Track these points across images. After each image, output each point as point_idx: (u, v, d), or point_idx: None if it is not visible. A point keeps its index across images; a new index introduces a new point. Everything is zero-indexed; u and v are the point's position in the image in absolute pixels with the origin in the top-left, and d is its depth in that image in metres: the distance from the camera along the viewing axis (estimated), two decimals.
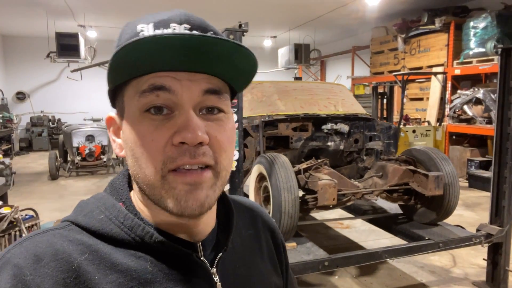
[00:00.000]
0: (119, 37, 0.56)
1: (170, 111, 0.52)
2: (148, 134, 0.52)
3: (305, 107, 3.74)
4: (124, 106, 0.55)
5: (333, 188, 2.67)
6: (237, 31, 2.20)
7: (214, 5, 8.33)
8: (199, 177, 0.52)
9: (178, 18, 0.53)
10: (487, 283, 3.19)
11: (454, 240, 2.90)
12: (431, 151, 3.17)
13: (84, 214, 0.57)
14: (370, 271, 3.46)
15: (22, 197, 5.91)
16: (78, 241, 0.53)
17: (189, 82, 0.52)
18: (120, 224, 0.55)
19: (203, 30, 0.53)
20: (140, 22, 0.54)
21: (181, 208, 0.52)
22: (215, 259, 0.60)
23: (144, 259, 0.54)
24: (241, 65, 0.54)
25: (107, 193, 0.61)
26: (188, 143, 0.50)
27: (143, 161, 0.52)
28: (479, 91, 6.71)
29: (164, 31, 0.51)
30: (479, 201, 5.78)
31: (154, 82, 0.51)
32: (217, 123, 0.54)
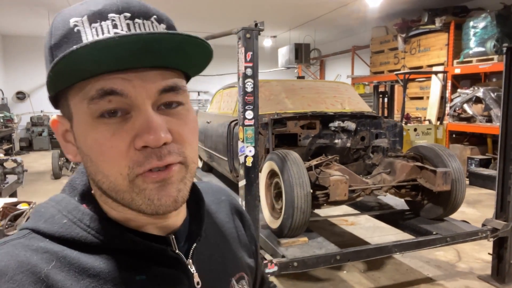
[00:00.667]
0: (50, 32, 0.50)
1: (125, 112, 0.48)
2: (106, 141, 0.48)
3: (312, 105, 3.80)
4: (71, 112, 0.50)
5: (344, 184, 2.73)
6: (254, 30, 2.26)
7: (214, 5, 8.37)
8: (167, 173, 0.49)
9: (115, 6, 0.47)
10: (493, 277, 3.26)
11: (461, 235, 2.97)
12: (438, 148, 3.23)
13: (44, 219, 0.52)
14: (378, 266, 3.52)
15: (26, 196, 5.91)
16: (42, 250, 0.49)
17: (141, 81, 0.48)
18: (86, 227, 0.51)
19: (145, 16, 0.49)
20: (72, 14, 0.48)
21: (155, 207, 0.50)
22: (189, 250, 0.59)
23: (116, 260, 0.51)
24: (195, 55, 0.50)
25: (66, 195, 0.56)
26: (152, 146, 0.47)
27: (106, 169, 0.49)
28: (479, 90, 6.79)
29: (103, 23, 0.46)
30: (479, 198, 5.87)
31: (102, 87, 0.46)
32: (177, 117, 0.51)
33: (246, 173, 2.40)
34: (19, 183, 3.54)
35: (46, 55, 0.50)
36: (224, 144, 3.90)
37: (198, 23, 10.06)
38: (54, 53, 0.48)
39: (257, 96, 2.33)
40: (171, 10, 8.74)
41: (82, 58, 0.43)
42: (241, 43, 2.25)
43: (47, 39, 0.50)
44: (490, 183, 6.02)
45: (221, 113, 4.54)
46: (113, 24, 0.46)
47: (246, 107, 2.32)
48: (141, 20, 0.48)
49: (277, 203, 3.02)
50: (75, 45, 0.44)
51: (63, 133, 0.55)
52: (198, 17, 9.53)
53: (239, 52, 2.27)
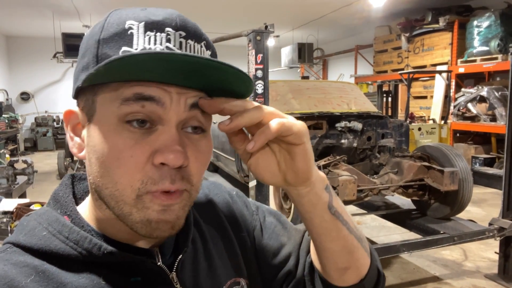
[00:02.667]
0: (102, 26, 0.49)
1: (152, 124, 0.47)
2: (126, 148, 0.47)
3: (318, 105, 3.83)
4: (94, 107, 0.49)
5: (353, 184, 2.75)
6: (264, 32, 2.28)
7: (217, 5, 8.40)
8: (174, 199, 0.48)
9: (174, 22, 0.48)
10: (499, 276, 3.28)
11: (468, 234, 2.99)
12: (445, 147, 3.26)
13: (25, 233, 0.51)
14: (384, 265, 3.54)
15: (33, 196, 5.96)
16: (21, 263, 0.48)
17: (177, 95, 0.47)
18: (65, 239, 0.50)
19: (197, 39, 0.50)
20: (130, 17, 0.48)
21: (150, 230, 0.48)
22: (174, 262, 0.56)
23: (96, 273, 0.50)
24: (237, 89, 0.50)
25: (50, 207, 0.55)
26: (170, 165, 0.46)
27: (118, 176, 0.47)
28: (483, 89, 6.80)
29: (157, 35, 0.47)
30: (484, 197, 5.88)
31: (141, 92, 0.46)
32: (196, 144, 0.50)
33: None
34: (29, 184, 3.57)
35: (89, 44, 0.49)
36: None
37: (201, 23, 9.99)
38: (100, 46, 0.47)
39: (267, 97, 2.36)
40: (176, 9, 8.77)
41: (132, 62, 0.42)
42: (252, 45, 2.28)
43: (96, 32, 0.49)
44: (495, 182, 6.04)
45: None
46: (167, 38, 0.47)
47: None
48: (193, 41, 0.49)
49: (285, 203, 3.05)
50: (125, 46, 0.45)
51: (73, 125, 0.54)
52: (201, 17, 9.56)
53: (249, 54, 2.30)
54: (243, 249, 0.69)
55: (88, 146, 0.50)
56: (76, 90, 0.50)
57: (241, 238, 0.69)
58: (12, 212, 2.60)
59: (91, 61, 0.48)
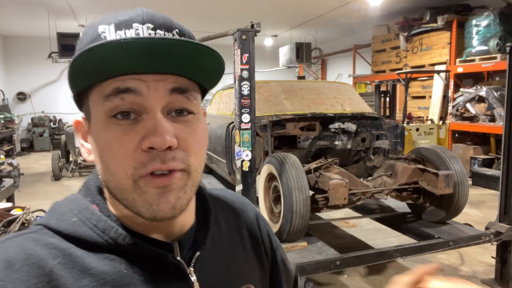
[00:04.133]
0: (81, 39, 0.54)
1: (137, 114, 0.51)
2: (116, 140, 0.51)
3: (312, 106, 3.74)
4: (90, 110, 0.54)
5: (344, 188, 2.67)
6: (250, 31, 2.20)
7: (214, 4, 8.32)
8: (169, 179, 0.51)
9: (141, 17, 0.51)
10: (496, 281, 3.20)
11: (464, 239, 2.91)
12: (440, 149, 3.17)
13: (56, 217, 0.55)
14: (379, 270, 3.47)
15: (26, 197, 5.90)
16: (50, 245, 0.52)
17: (154, 82, 0.51)
18: (93, 226, 0.54)
19: (167, 28, 0.52)
20: (101, 23, 0.52)
21: (153, 212, 0.51)
22: (192, 258, 0.59)
23: (118, 261, 0.53)
24: (208, 65, 0.53)
25: (81, 195, 0.59)
26: (157, 148, 0.50)
27: (113, 167, 0.51)
28: (482, 89, 6.72)
29: (126, 31, 0.50)
30: (483, 199, 5.80)
31: (118, 85, 0.50)
32: (186, 125, 0.54)
33: (243, 177, 2.35)
34: (15, 187, 3.50)
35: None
36: (222, 146, 3.85)
37: (198, 22, 10.02)
38: None
39: (253, 99, 2.28)
40: (172, 9, 8.70)
41: (97, 55, 0.46)
42: (237, 44, 2.20)
43: (78, 44, 0.54)
44: (494, 183, 5.95)
45: (220, 114, 4.48)
46: (136, 32, 0.50)
47: (242, 110, 2.27)
48: (162, 31, 0.52)
49: (275, 207, 2.97)
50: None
51: (83, 134, 0.58)
52: (198, 16, 9.49)
53: (235, 54, 2.22)
54: (261, 265, 0.72)
55: (92, 148, 0.55)
56: (75, 100, 0.56)
57: (259, 254, 0.73)
58: None
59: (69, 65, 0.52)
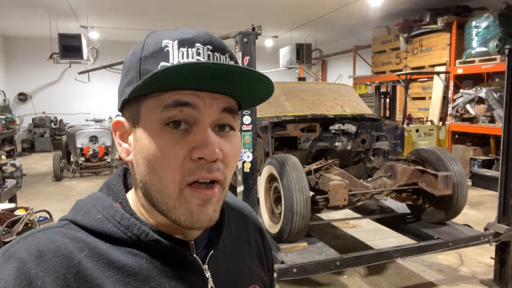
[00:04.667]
0: (142, 46, 0.58)
1: (188, 126, 0.55)
2: (168, 147, 0.54)
3: (312, 108, 3.77)
4: (140, 115, 0.57)
5: (344, 189, 2.70)
6: (251, 34, 2.23)
7: (216, 5, 8.35)
8: (212, 193, 0.56)
9: (202, 38, 0.56)
10: (495, 281, 3.22)
11: (463, 239, 2.93)
12: (439, 151, 3.19)
13: (82, 213, 0.59)
14: (379, 270, 3.49)
15: (28, 198, 5.93)
16: (77, 239, 0.56)
17: (210, 100, 0.55)
18: (117, 223, 0.57)
19: (222, 51, 0.57)
20: (165, 37, 0.56)
21: (192, 222, 0.56)
22: (207, 256, 0.64)
23: (140, 256, 0.57)
24: (259, 91, 0.59)
25: (103, 193, 0.63)
26: (207, 159, 0.54)
27: (162, 172, 0.55)
28: (481, 90, 6.74)
29: (189, 49, 0.55)
30: (482, 200, 5.82)
31: (179, 99, 0.54)
32: (227, 140, 0.58)
33: (244, 178, 2.37)
34: (17, 188, 3.52)
35: (131, 62, 0.58)
36: None
37: (200, 23, 10.04)
38: (142, 63, 0.56)
39: None
40: (173, 10, 8.72)
41: (175, 73, 0.51)
42: (238, 47, 2.23)
43: (138, 51, 0.58)
44: (493, 184, 5.97)
45: None
46: (197, 52, 0.55)
47: (243, 112, 2.29)
48: (218, 54, 0.57)
49: (276, 208, 2.99)
50: (162, 61, 0.54)
51: (121, 133, 0.62)
52: (199, 17, 9.51)
53: (237, 57, 2.24)
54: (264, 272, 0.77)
55: (135, 149, 0.59)
56: (123, 102, 0.59)
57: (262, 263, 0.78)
58: None
59: (134, 76, 0.57)
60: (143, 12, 8.78)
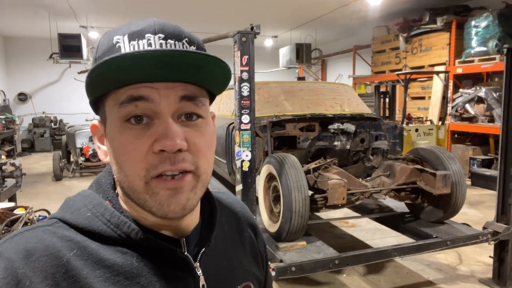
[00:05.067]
0: (97, 47, 0.58)
1: (150, 119, 0.54)
2: (129, 143, 0.54)
3: (311, 107, 3.77)
4: (106, 115, 0.57)
5: (342, 188, 2.70)
6: (249, 34, 2.23)
7: (215, 5, 8.36)
8: (179, 182, 0.55)
9: (152, 28, 0.55)
10: (494, 280, 3.23)
11: (461, 238, 2.94)
12: (438, 150, 3.20)
13: (71, 211, 0.58)
14: (378, 269, 3.49)
15: (27, 198, 5.94)
16: (66, 238, 0.55)
17: (166, 90, 0.54)
18: (107, 221, 0.57)
19: (177, 38, 0.56)
20: (116, 33, 0.56)
21: (164, 212, 0.55)
22: (198, 254, 0.63)
23: (130, 254, 0.57)
24: (214, 73, 0.57)
25: (93, 191, 0.62)
26: (168, 151, 0.53)
27: (126, 168, 0.55)
28: (481, 89, 6.74)
29: (139, 42, 0.54)
30: (482, 199, 5.82)
31: (132, 93, 0.53)
32: (195, 128, 0.57)
33: (243, 178, 2.38)
34: (17, 187, 3.53)
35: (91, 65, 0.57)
36: (223, 147, 3.88)
37: (199, 23, 10.05)
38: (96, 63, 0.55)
39: (253, 100, 2.31)
40: (173, 10, 8.73)
41: (113, 66, 0.50)
42: (237, 46, 2.23)
43: (94, 53, 0.58)
44: (493, 183, 5.96)
45: (220, 115, 4.51)
46: (148, 42, 0.54)
47: (242, 111, 2.30)
48: (173, 41, 0.55)
49: (275, 207, 3.00)
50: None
51: (99, 137, 0.62)
52: (199, 17, 9.52)
53: (235, 56, 2.26)
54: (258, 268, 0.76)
55: (108, 150, 0.59)
56: (92, 105, 0.60)
57: (256, 259, 0.77)
58: None
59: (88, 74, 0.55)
60: (143, 12, 8.79)
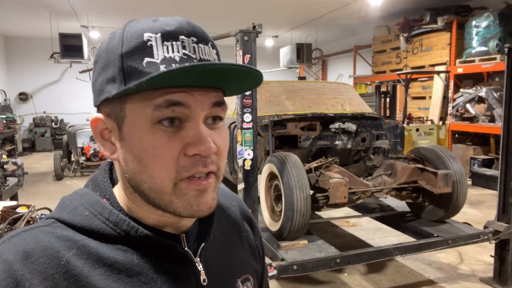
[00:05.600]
0: (121, 40, 0.54)
1: (180, 122, 0.54)
2: (162, 145, 0.53)
3: (312, 106, 3.78)
4: (124, 113, 0.55)
5: (344, 187, 2.71)
6: (251, 33, 2.24)
7: (216, 5, 8.36)
8: (207, 183, 0.56)
9: (185, 30, 0.54)
10: (495, 279, 3.24)
11: (462, 237, 2.94)
12: (439, 149, 3.21)
13: (68, 211, 0.58)
14: (379, 268, 3.50)
15: (29, 197, 5.94)
16: (65, 237, 0.54)
17: (201, 96, 0.55)
18: (105, 220, 0.56)
19: (205, 41, 0.57)
20: (146, 29, 0.53)
21: (192, 212, 0.56)
22: (198, 249, 0.64)
23: (130, 252, 0.56)
24: (249, 84, 0.59)
25: (89, 189, 0.62)
26: (203, 155, 0.54)
27: (156, 170, 0.54)
28: (481, 89, 6.75)
29: (173, 43, 0.53)
30: (482, 199, 5.83)
31: (170, 98, 0.52)
32: (218, 131, 0.58)
33: (245, 176, 2.38)
34: (19, 186, 3.54)
35: (110, 57, 0.55)
36: None
37: (200, 22, 9.97)
38: (124, 60, 0.53)
39: (255, 99, 2.32)
40: (174, 9, 8.74)
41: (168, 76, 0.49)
42: (239, 45, 2.24)
43: (116, 45, 0.54)
44: (493, 183, 5.96)
45: None
46: (182, 45, 0.53)
47: (244, 110, 2.31)
48: (203, 44, 0.56)
49: (276, 206, 3.01)
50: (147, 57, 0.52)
51: (101, 131, 0.59)
52: (198, 17, 9.53)
53: (237, 55, 2.26)
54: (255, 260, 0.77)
55: (122, 148, 0.56)
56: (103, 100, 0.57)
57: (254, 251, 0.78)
58: None
59: (116, 74, 0.53)
60: (143, 11, 8.79)
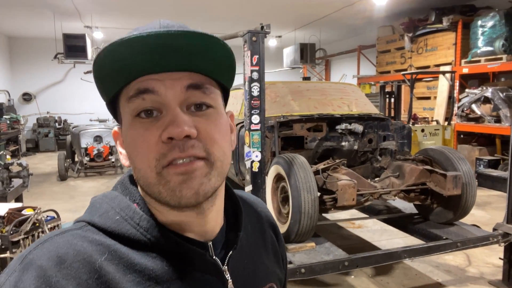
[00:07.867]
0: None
1: (159, 112, 0.54)
2: (139, 136, 0.53)
3: (319, 107, 3.75)
4: (121, 117, 0.57)
5: (352, 189, 2.68)
6: (260, 33, 2.21)
7: (219, 5, 8.34)
8: (190, 166, 0.53)
9: (158, 25, 0.54)
10: (504, 282, 3.20)
11: (471, 240, 2.91)
12: (448, 150, 3.17)
13: (99, 214, 0.57)
14: (386, 270, 3.47)
15: (33, 198, 5.94)
16: (96, 242, 0.54)
17: (171, 81, 0.54)
18: (136, 225, 0.56)
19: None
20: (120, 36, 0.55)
21: (177, 199, 0.53)
22: (225, 257, 0.62)
23: (160, 259, 0.56)
24: (218, 57, 0.55)
25: (119, 193, 0.61)
26: (175, 137, 0.52)
27: (138, 162, 0.54)
28: (487, 90, 6.69)
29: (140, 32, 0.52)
30: (489, 200, 5.78)
31: (139, 87, 0.53)
32: (206, 118, 0.56)
33: (253, 178, 2.36)
34: (24, 187, 3.53)
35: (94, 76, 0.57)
36: None
37: (203, 23, 10.04)
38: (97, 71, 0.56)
39: (263, 100, 2.29)
40: (177, 10, 8.72)
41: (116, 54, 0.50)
42: (247, 46, 2.21)
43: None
44: (499, 184, 5.93)
45: None
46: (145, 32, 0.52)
47: (252, 111, 2.28)
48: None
49: (283, 208, 2.98)
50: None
51: (120, 141, 0.61)
52: (203, 17, 9.51)
53: (245, 56, 2.24)
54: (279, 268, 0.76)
55: (125, 151, 0.58)
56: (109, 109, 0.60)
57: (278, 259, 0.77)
58: (4, 217, 2.55)
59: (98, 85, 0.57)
60: (147, 12, 8.78)
